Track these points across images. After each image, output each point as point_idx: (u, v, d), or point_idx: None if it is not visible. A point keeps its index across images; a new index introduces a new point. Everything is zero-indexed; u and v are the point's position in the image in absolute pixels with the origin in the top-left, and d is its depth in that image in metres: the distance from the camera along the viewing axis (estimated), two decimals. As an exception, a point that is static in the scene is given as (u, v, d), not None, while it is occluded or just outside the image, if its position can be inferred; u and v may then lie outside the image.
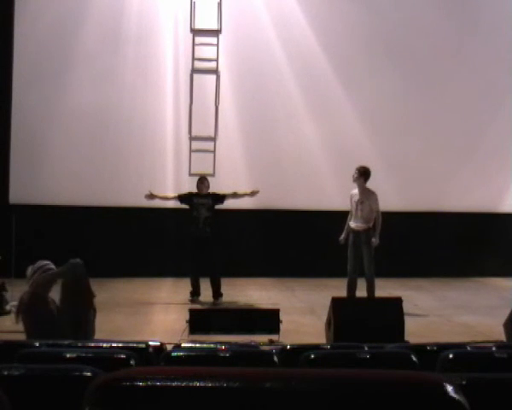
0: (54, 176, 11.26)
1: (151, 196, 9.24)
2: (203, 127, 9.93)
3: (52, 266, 5.37)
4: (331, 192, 11.56)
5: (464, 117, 12.16)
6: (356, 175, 8.61)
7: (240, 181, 11.04)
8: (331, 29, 11.84)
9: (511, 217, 12.30)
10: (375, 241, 8.45)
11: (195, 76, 10.09)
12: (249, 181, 11.59)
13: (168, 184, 11.38)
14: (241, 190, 9.33)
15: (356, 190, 8.66)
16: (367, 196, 8.57)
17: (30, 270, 5.36)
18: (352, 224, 8.59)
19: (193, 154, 9.58)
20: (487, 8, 12.37)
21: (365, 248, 8.46)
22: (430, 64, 12.05)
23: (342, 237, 8.70)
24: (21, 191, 11.15)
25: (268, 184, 11.62)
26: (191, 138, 9.74)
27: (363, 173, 8.60)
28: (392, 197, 11.86)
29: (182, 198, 9.21)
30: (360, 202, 8.56)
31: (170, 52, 11.62)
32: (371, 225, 8.53)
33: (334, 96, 11.83)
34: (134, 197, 11.39)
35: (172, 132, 11.52)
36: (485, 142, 12.22)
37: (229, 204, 9.50)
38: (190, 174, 9.46)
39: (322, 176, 11.79)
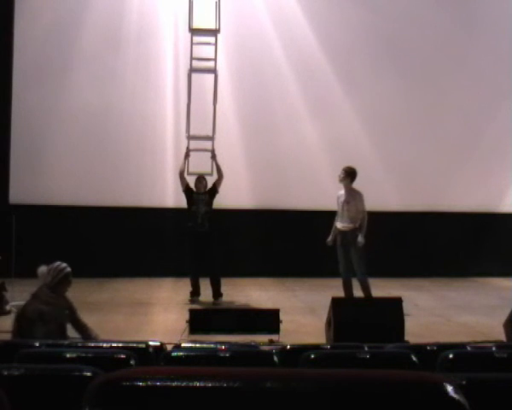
0: (54, 176, 11.26)
1: (187, 156, 9.46)
2: (202, 126, 9.91)
3: (68, 269, 5.30)
4: (331, 192, 11.50)
5: (464, 117, 12.16)
6: (342, 175, 8.58)
7: (238, 180, 11.06)
8: (331, 28, 11.84)
9: (511, 217, 12.30)
10: (360, 240, 8.39)
11: (194, 75, 10.08)
12: (248, 180, 11.60)
13: (168, 183, 11.39)
14: (216, 167, 9.35)
15: (342, 191, 8.65)
16: (353, 196, 8.54)
17: (44, 270, 5.29)
18: (339, 224, 8.58)
19: (192, 153, 9.58)
20: (488, 8, 12.37)
21: (353, 248, 8.42)
22: (430, 64, 12.06)
23: (330, 238, 8.69)
24: (21, 191, 11.15)
25: (268, 184, 11.64)
26: (189, 138, 9.73)
27: (350, 174, 8.57)
28: (392, 197, 11.88)
29: (187, 188, 9.23)
30: (346, 202, 8.54)
31: (169, 52, 11.63)
32: (358, 225, 8.49)
33: (334, 96, 11.82)
34: (134, 197, 11.41)
35: (172, 132, 11.53)
36: (485, 141, 12.22)
37: (229, 204, 9.49)
38: (189, 173, 9.46)
39: (322, 176, 11.77)
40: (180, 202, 10.42)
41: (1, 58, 11.28)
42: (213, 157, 9.44)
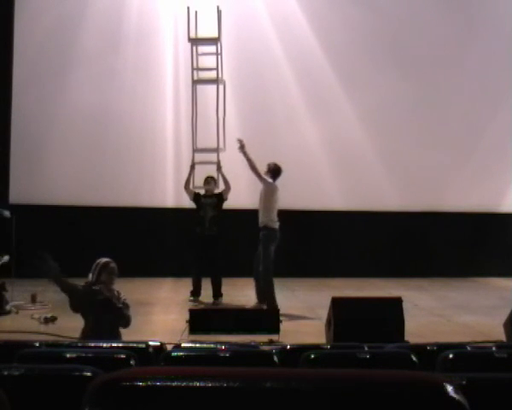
0: (54, 176, 11.25)
1: (192, 169, 9.30)
2: (206, 136, 9.78)
3: (104, 259, 5.37)
4: (331, 192, 11.56)
5: (464, 116, 12.16)
6: (265, 170, 8.51)
7: (238, 180, 11.01)
8: (333, 34, 11.83)
9: (511, 217, 12.30)
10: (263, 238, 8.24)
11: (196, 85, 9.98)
12: (248, 180, 11.56)
13: (168, 183, 11.39)
14: (223, 178, 9.28)
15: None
16: (264, 191, 8.43)
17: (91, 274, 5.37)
18: None
19: (197, 165, 9.46)
20: (488, 9, 12.38)
21: (261, 246, 8.40)
22: (430, 64, 12.05)
23: None
24: (21, 191, 11.15)
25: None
26: (195, 151, 9.56)
27: (270, 170, 8.49)
28: (392, 197, 11.87)
29: (195, 196, 9.22)
30: (260, 197, 8.46)
31: (169, 52, 11.62)
32: (270, 224, 8.36)
33: (336, 98, 11.82)
34: (134, 197, 11.40)
35: (172, 132, 11.53)
36: (485, 142, 12.22)
37: (229, 204, 9.48)
38: (194, 187, 9.37)
39: (322, 176, 11.79)
40: (180, 201, 10.42)
41: (1, 58, 11.28)
42: (219, 169, 9.26)
